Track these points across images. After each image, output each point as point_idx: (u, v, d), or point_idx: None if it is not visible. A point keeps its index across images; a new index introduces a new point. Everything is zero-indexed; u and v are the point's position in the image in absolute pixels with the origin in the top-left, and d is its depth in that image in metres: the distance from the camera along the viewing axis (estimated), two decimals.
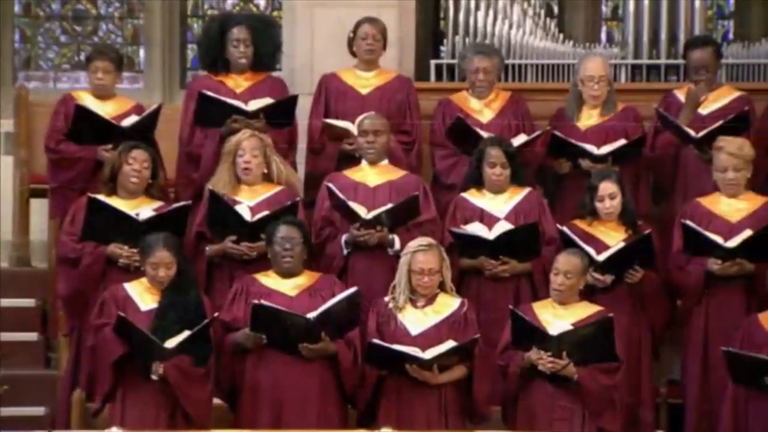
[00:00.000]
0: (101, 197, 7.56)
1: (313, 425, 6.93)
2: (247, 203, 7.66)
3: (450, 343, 6.96)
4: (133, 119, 8.17)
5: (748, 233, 7.45)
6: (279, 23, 9.31)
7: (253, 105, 8.06)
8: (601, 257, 7.45)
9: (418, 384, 6.95)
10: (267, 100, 8.12)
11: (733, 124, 7.97)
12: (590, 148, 8.07)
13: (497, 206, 7.81)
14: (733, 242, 7.43)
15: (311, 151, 8.38)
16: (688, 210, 7.72)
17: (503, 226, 7.65)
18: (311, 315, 6.92)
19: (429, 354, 6.89)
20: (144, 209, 7.53)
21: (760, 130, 8.18)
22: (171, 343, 6.85)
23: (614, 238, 7.61)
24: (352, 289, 7.06)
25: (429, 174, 8.41)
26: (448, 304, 7.20)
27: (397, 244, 7.50)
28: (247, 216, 7.55)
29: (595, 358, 6.94)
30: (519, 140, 8.10)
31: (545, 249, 7.61)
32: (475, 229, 7.66)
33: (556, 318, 7.09)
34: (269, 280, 7.23)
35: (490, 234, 7.60)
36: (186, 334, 6.85)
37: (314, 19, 9.57)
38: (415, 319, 7.13)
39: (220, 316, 7.10)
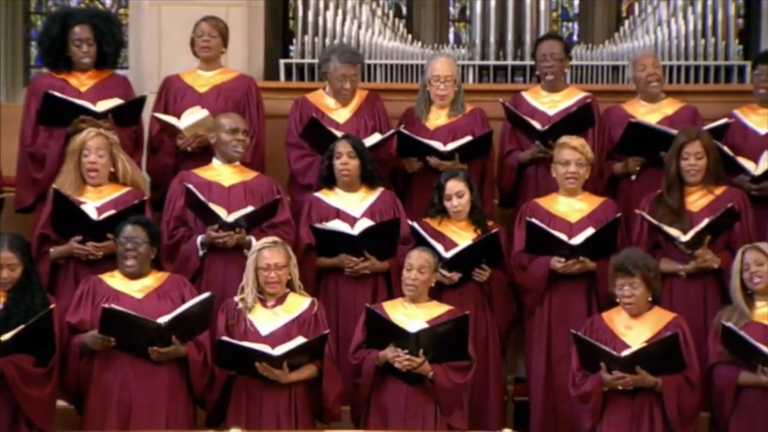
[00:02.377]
0: None
1: (162, 427, 6.86)
2: (93, 204, 7.56)
3: (300, 340, 6.95)
4: None
5: (591, 231, 7.58)
6: (120, 21, 9.18)
7: (102, 106, 7.97)
8: (448, 254, 7.50)
9: (267, 383, 6.92)
10: (116, 101, 8.05)
11: (578, 121, 8.09)
12: (437, 145, 8.13)
13: (352, 205, 7.82)
14: (577, 239, 7.55)
15: (150, 150, 8.33)
16: (527, 210, 7.82)
17: (366, 223, 7.66)
18: (163, 320, 6.84)
19: (279, 350, 6.87)
20: None
21: (601, 131, 8.33)
22: (5, 336, 6.69)
23: (463, 237, 7.67)
24: (206, 294, 7.01)
25: (284, 173, 8.38)
26: (298, 303, 7.19)
27: (254, 245, 7.46)
28: (93, 215, 7.44)
29: (449, 356, 7.00)
30: (372, 140, 8.13)
31: (400, 248, 7.64)
32: (337, 225, 7.66)
33: (409, 317, 7.12)
34: (116, 281, 7.14)
35: (353, 230, 7.61)
36: (20, 327, 6.70)
37: (162, 18, 9.50)
38: (265, 319, 7.11)
39: (66, 317, 6.99)
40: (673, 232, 7.51)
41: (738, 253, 7.18)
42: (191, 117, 8.12)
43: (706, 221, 7.49)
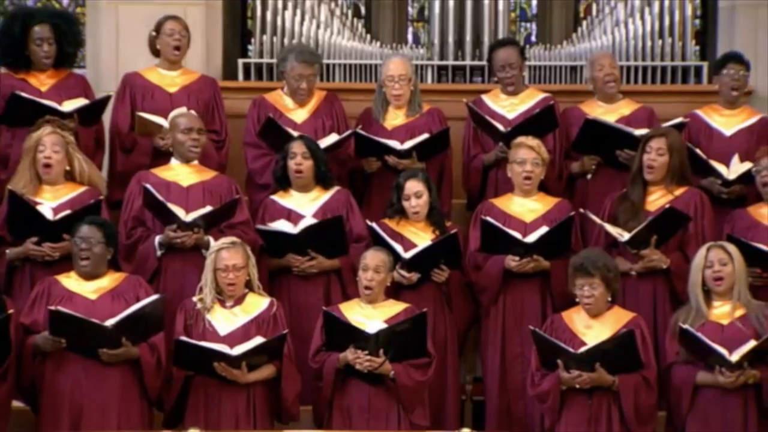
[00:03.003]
0: None
1: (114, 427, 6.84)
2: (50, 204, 7.51)
3: (258, 339, 6.93)
4: None
5: (545, 229, 7.59)
6: (79, 20, 9.14)
7: (68, 106, 7.96)
8: (408, 255, 7.50)
9: (225, 383, 6.91)
10: (81, 101, 8.05)
11: (542, 122, 8.10)
12: (393, 143, 8.13)
13: (304, 205, 7.81)
14: (531, 238, 7.56)
15: (122, 150, 8.26)
16: (482, 210, 7.82)
17: (308, 221, 7.65)
18: (110, 322, 6.80)
19: (237, 350, 6.86)
20: None
21: (560, 131, 8.35)
22: None
23: (422, 238, 7.68)
24: (155, 296, 6.97)
25: (243, 173, 8.35)
26: (256, 304, 7.17)
27: (213, 246, 7.43)
28: (49, 215, 7.39)
29: (409, 355, 7.01)
30: (329, 140, 8.12)
31: (354, 247, 7.65)
32: (280, 225, 7.65)
33: (366, 318, 7.13)
34: (71, 281, 7.09)
35: (294, 229, 7.60)
36: None
37: (119, 17, 9.46)
38: (224, 319, 7.09)
39: (20, 318, 6.94)
40: (614, 231, 7.53)
41: (702, 250, 7.14)
42: None
43: (646, 221, 7.51)
